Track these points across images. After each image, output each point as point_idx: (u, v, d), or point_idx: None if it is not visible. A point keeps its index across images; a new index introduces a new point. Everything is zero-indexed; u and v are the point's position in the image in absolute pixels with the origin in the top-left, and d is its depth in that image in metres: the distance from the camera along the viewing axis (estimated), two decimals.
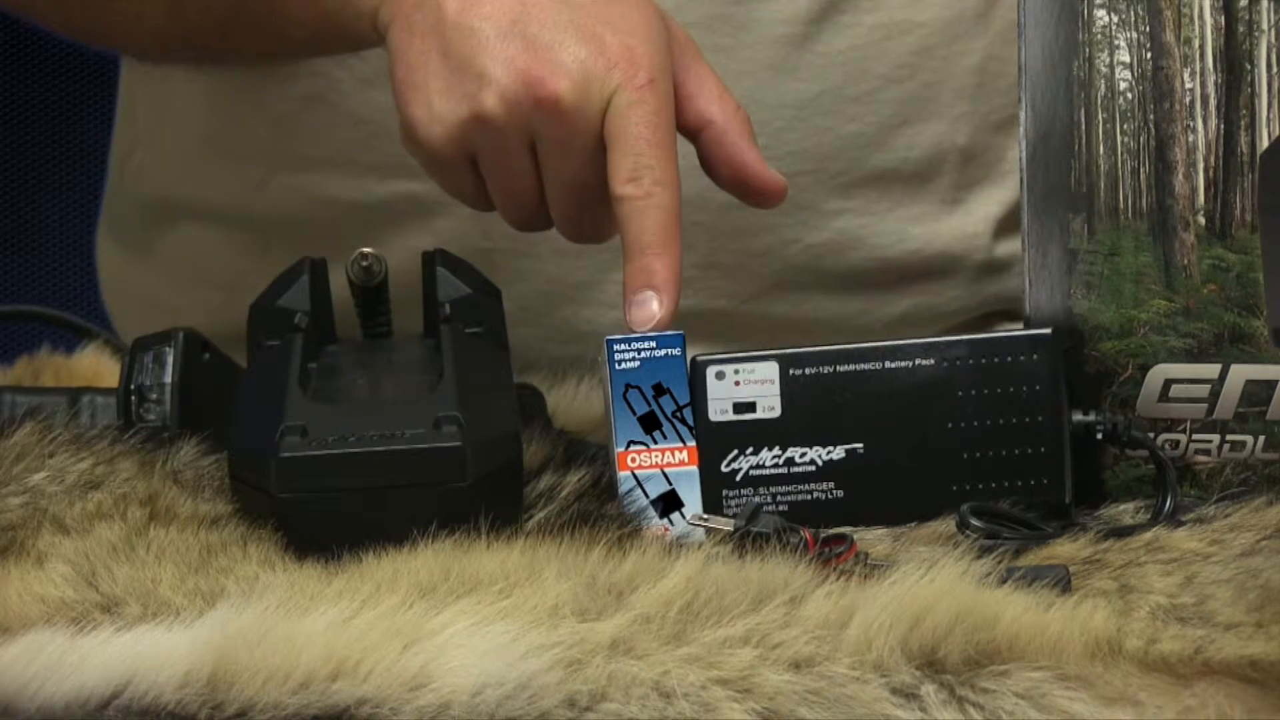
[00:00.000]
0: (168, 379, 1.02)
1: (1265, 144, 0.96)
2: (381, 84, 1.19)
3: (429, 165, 1.04)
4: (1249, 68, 0.96)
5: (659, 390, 0.96)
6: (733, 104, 1.03)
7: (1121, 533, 0.91)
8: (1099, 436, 0.96)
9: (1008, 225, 1.28)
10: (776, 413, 0.96)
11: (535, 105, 0.98)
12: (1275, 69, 0.95)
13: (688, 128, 1.02)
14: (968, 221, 1.28)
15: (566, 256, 1.21)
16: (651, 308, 0.96)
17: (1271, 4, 0.95)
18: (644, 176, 0.97)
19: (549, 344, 1.17)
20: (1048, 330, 0.96)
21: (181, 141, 1.31)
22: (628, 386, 0.96)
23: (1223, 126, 0.96)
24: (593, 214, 1.01)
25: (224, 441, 0.94)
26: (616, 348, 0.96)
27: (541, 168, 1.01)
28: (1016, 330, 0.97)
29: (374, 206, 1.22)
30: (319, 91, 1.22)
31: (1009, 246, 1.28)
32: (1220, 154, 0.96)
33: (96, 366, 1.19)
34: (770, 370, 0.96)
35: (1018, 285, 1.03)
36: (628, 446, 0.95)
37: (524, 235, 1.19)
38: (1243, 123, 0.96)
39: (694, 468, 0.96)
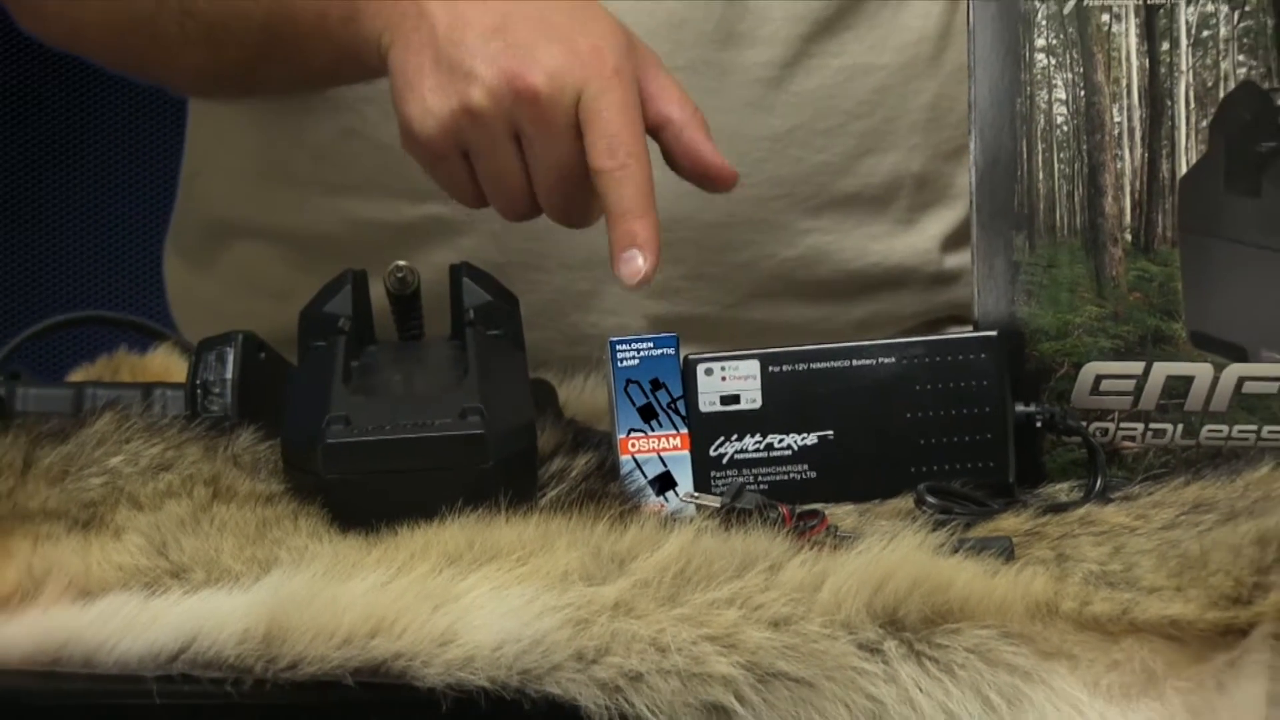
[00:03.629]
0: (229, 375, 1.02)
1: (1184, 170, 0.96)
2: None
3: (426, 160, 1.03)
4: (1169, 104, 0.95)
5: (656, 385, 0.96)
6: (690, 105, 1.02)
7: (1058, 509, 0.91)
8: (1038, 425, 0.96)
9: (955, 242, 1.28)
10: (758, 404, 0.96)
11: (516, 97, 0.98)
12: (1192, 105, 0.95)
13: (651, 125, 1.01)
14: (920, 239, 1.28)
15: (572, 270, 1.21)
16: (638, 263, 0.96)
17: (1189, 49, 0.95)
18: (619, 151, 0.97)
19: (558, 345, 1.16)
20: (994, 332, 0.96)
21: (236, 169, 1.30)
22: (628, 381, 0.95)
23: (1147, 155, 0.96)
24: (577, 197, 1.01)
25: (278, 429, 0.93)
26: (619, 348, 0.96)
27: (526, 156, 1.00)
28: (966, 332, 0.97)
29: (404, 226, 1.22)
30: (354, 126, 1.22)
31: (956, 260, 1.28)
32: (1144, 179, 0.96)
33: (167, 364, 1.19)
34: (752, 367, 0.96)
35: (965, 294, 1.03)
36: (628, 434, 0.95)
37: (535, 250, 1.19)
38: (1164, 152, 0.95)
39: (686, 452, 0.95)
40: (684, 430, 0.95)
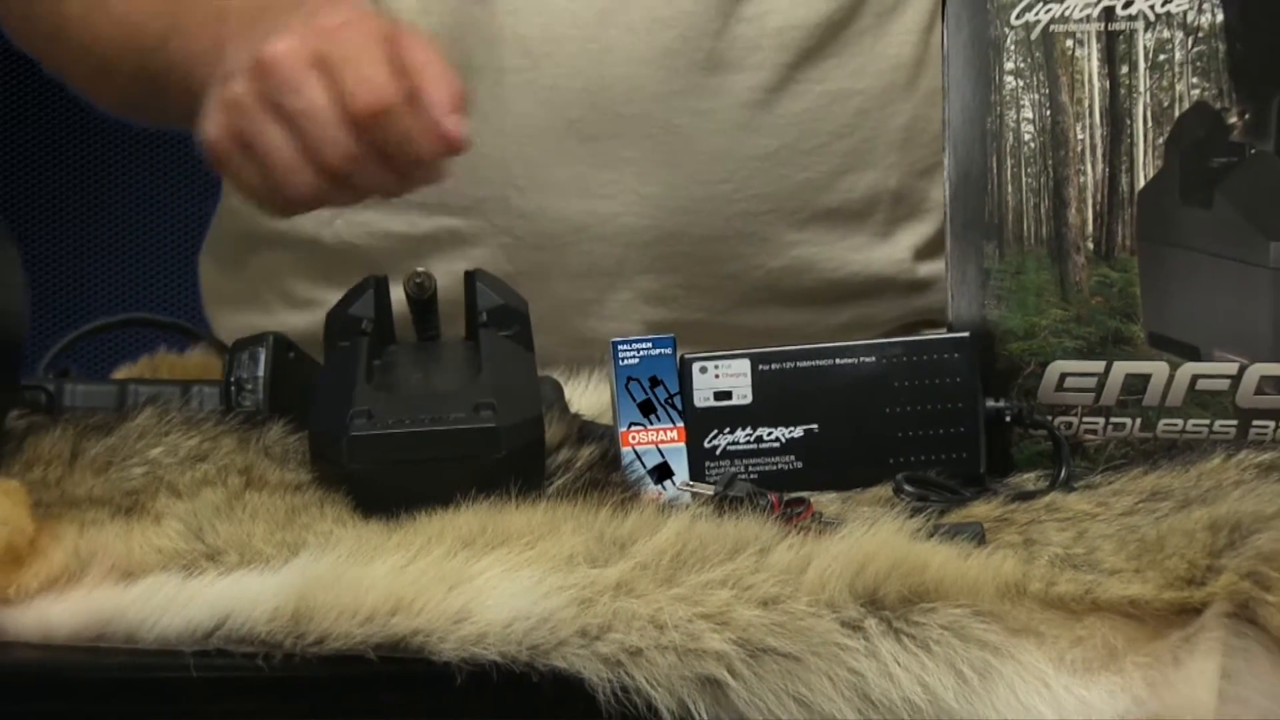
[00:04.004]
0: (260, 373, 1.02)
1: (1142, 184, 0.96)
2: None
3: (214, 164, 1.01)
4: (1129, 123, 0.95)
5: (654, 382, 0.96)
6: None
7: (1025, 496, 0.91)
8: (1007, 419, 0.96)
9: (928, 252, 1.28)
10: (749, 400, 0.96)
11: (261, 71, 0.96)
12: (1150, 124, 0.95)
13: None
14: (896, 250, 1.28)
15: (575, 279, 1.21)
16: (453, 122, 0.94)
17: (1147, 72, 0.95)
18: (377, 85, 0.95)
19: (563, 349, 1.16)
20: (966, 334, 0.96)
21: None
22: (629, 379, 0.96)
23: (1107, 170, 0.96)
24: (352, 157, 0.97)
25: (305, 423, 0.94)
26: (620, 348, 0.96)
27: (297, 130, 0.97)
28: (941, 334, 0.97)
29: (419, 237, 1.22)
30: None
31: (929, 269, 1.28)
32: (1105, 192, 0.96)
33: (204, 363, 1.19)
34: (743, 366, 0.96)
35: (938, 300, 1.03)
36: (629, 427, 0.95)
37: (542, 261, 1.18)
38: (1124, 167, 0.96)
39: (682, 444, 0.95)
40: (680, 424, 0.95)
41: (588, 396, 1.09)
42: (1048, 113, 0.96)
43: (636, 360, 0.96)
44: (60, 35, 1.21)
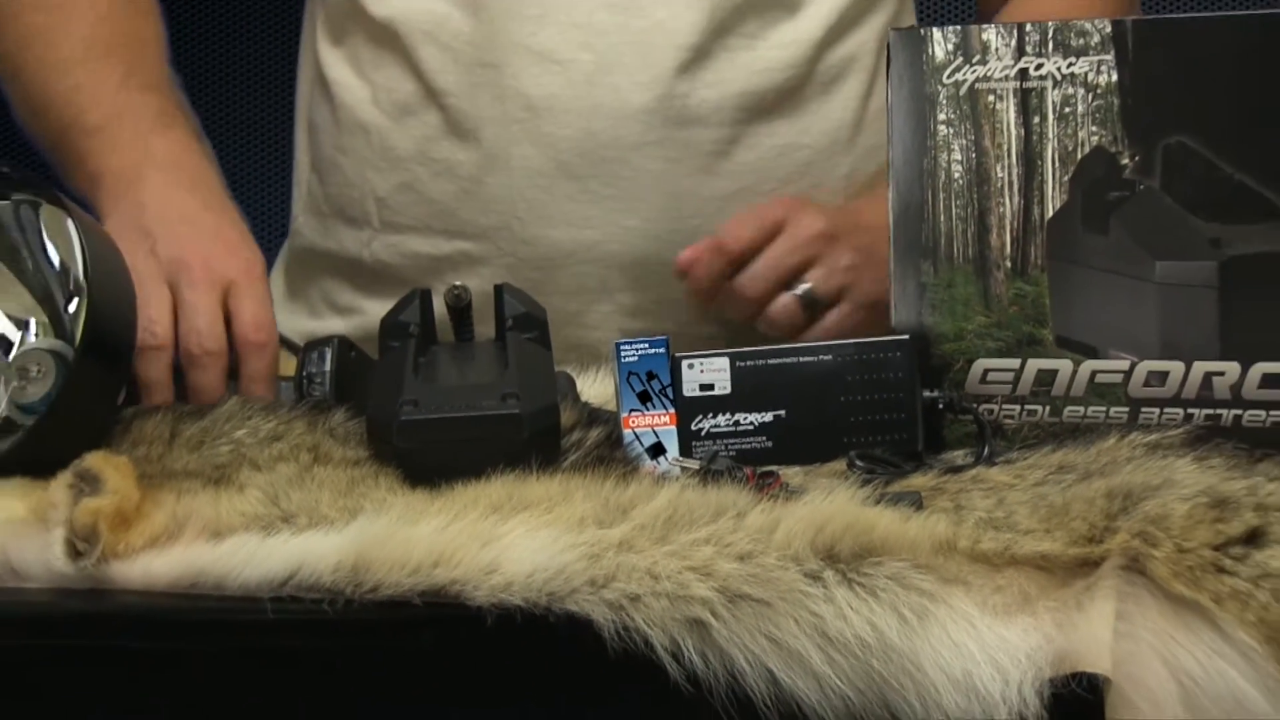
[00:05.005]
0: (327, 368, 1.02)
1: (1051, 213, 0.95)
2: (449, 176, 1.18)
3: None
4: (1040, 164, 0.95)
5: (650, 376, 0.95)
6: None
7: (955, 470, 0.90)
8: (940, 407, 0.96)
9: None
10: (728, 390, 0.96)
11: (181, 264, 1.04)
12: (1057, 165, 0.95)
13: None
14: None
15: (565, 295, 1.19)
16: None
17: (1055, 122, 0.95)
18: (262, 329, 1.05)
19: (556, 353, 1.15)
20: (906, 336, 0.96)
21: (322, 211, 1.29)
22: (630, 373, 0.95)
23: (1022, 202, 0.95)
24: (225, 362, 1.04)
25: (364, 409, 0.93)
26: (622, 348, 0.95)
27: (179, 309, 1.04)
28: (886, 338, 0.96)
29: (440, 257, 1.21)
30: (408, 181, 1.21)
31: None
32: (1021, 220, 0.95)
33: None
34: (724, 363, 0.96)
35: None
36: (629, 413, 0.95)
37: (537, 279, 1.17)
38: (1036, 200, 0.95)
39: (673, 427, 0.95)
40: (672, 410, 0.95)
41: (595, 388, 1.09)
42: (973, 155, 0.96)
43: (636, 358, 0.95)
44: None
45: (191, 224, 1.06)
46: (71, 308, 0.90)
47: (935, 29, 0.95)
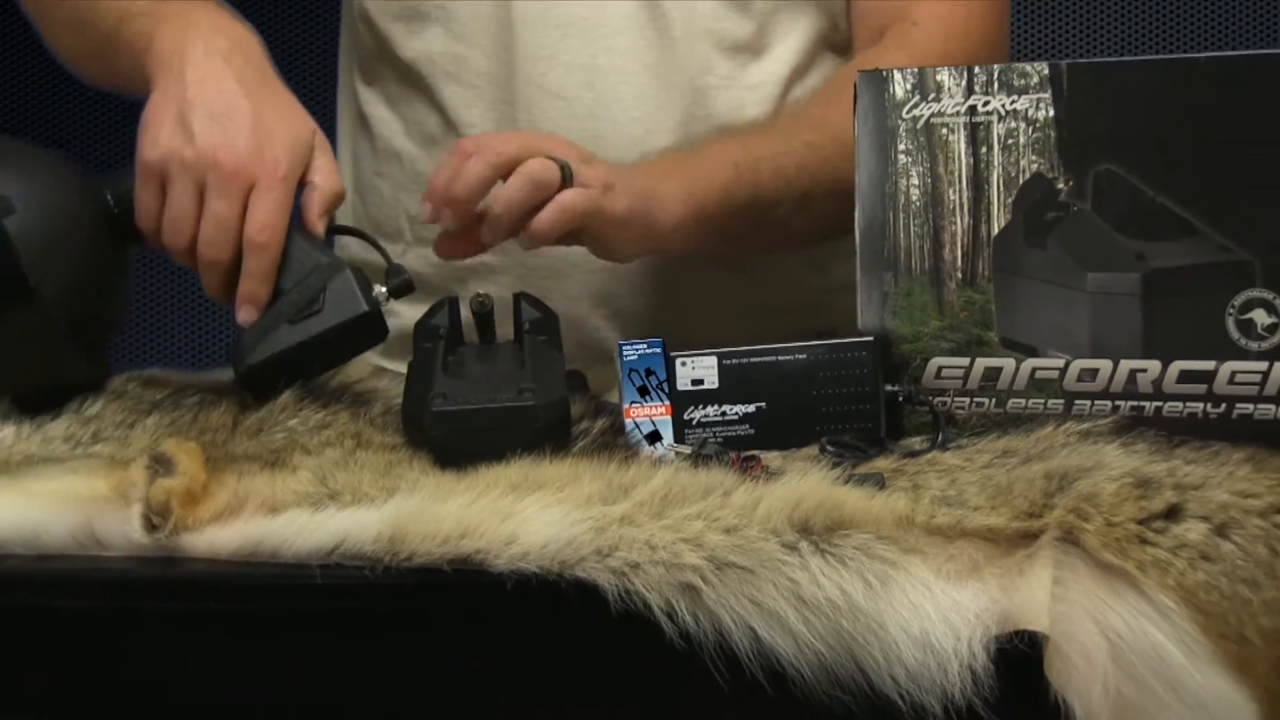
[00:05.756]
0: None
1: (996, 231, 0.95)
2: None
3: (139, 175, 0.96)
4: (987, 188, 0.95)
5: (649, 372, 0.95)
6: (332, 178, 0.98)
7: (913, 454, 0.90)
8: (900, 399, 0.95)
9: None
10: (716, 385, 0.95)
11: (212, 164, 0.94)
12: (1002, 189, 0.94)
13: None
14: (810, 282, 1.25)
15: (569, 302, 1.18)
16: (243, 315, 0.94)
17: (1000, 151, 0.94)
18: (265, 231, 0.94)
19: (566, 353, 1.14)
20: (871, 338, 0.95)
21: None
22: (630, 370, 0.95)
23: (972, 221, 0.95)
24: (221, 256, 0.95)
25: (401, 401, 0.93)
26: (624, 348, 0.95)
27: (202, 210, 0.95)
28: (854, 339, 0.96)
29: (463, 267, 1.19)
30: None
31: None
32: (970, 237, 0.95)
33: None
34: (712, 361, 0.95)
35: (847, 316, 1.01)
36: (630, 405, 0.94)
37: (544, 287, 1.14)
38: (983, 219, 0.95)
39: (669, 417, 0.94)
40: (667, 402, 0.94)
41: (602, 383, 1.08)
42: (929, 180, 0.95)
43: (636, 356, 0.95)
44: None
45: (228, 118, 0.96)
46: None
47: (896, 70, 0.95)
